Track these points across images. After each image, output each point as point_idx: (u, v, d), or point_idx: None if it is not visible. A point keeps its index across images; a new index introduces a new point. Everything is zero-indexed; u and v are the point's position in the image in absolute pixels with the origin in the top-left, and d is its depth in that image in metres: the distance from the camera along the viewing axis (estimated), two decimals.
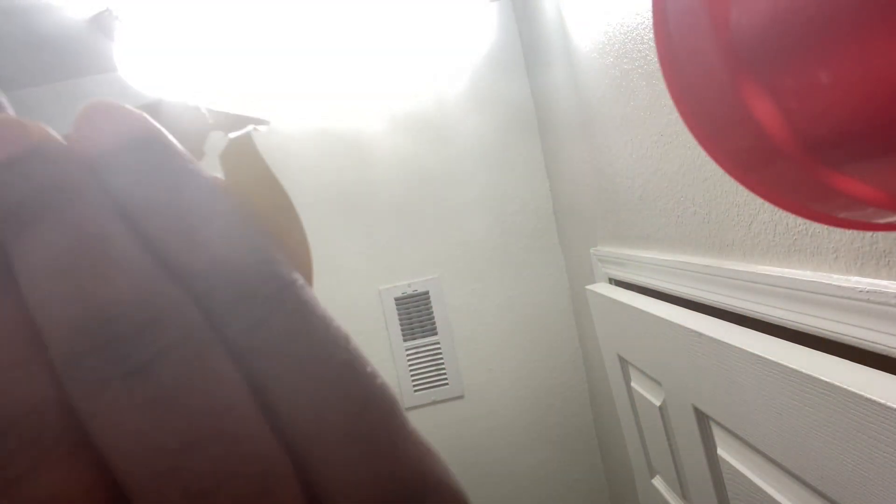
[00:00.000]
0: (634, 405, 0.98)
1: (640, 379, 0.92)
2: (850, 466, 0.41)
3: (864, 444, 0.39)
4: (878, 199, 0.17)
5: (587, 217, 1.24)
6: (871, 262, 0.42)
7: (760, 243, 0.56)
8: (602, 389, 1.45)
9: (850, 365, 0.43)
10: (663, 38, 0.21)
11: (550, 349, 1.66)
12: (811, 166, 0.17)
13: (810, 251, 0.49)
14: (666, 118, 0.71)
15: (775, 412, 0.49)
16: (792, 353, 0.47)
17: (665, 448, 0.86)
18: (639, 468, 1.07)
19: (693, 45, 0.19)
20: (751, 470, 0.59)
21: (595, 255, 1.18)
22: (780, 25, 0.15)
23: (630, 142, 0.86)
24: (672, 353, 0.70)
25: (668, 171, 0.74)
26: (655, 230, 0.84)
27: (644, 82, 0.75)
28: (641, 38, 0.73)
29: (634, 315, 0.82)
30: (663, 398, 0.81)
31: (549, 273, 1.66)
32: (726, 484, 0.66)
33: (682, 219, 0.73)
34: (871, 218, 0.19)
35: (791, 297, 0.50)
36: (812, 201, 0.20)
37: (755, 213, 0.56)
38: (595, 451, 1.67)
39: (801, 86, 0.16)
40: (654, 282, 0.84)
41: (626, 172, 0.90)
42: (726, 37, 0.17)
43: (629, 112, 0.83)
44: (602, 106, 0.96)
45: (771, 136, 0.17)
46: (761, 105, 0.17)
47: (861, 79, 0.14)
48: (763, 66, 0.17)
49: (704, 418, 0.68)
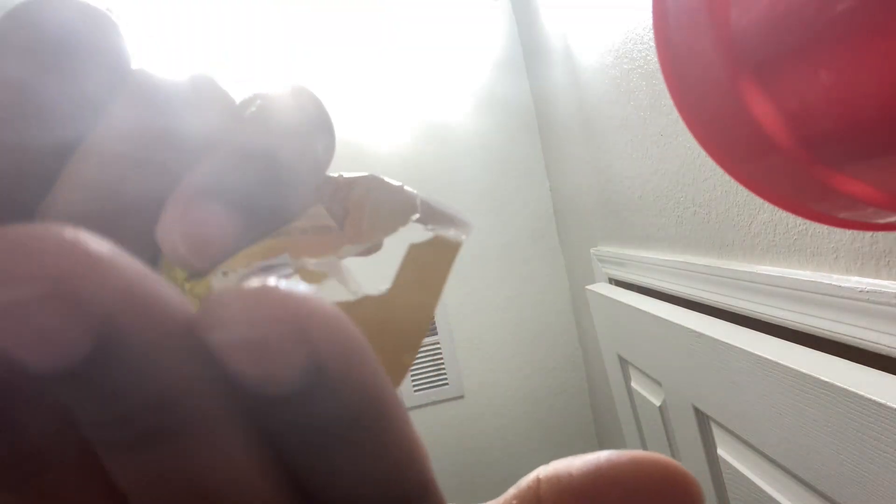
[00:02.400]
0: (634, 405, 0.98)
1: (640, 379, 0.92)
2: (850, 466, 0.41)
3: (864, 444, 0.39)
4: (878, 199, 0.17)
5: (587, 217, 1.24)
6: (871, 262, 0.42)
7: (760, 243, 0.56)
8: (602, 389, 1.45)
9: (850, 365, 0.43)
10: (663, 38, 0.21)
11: (550, 349, 1.66)
12: (811, 166, 0.17)
13: (810, 251, 0.49)
14: (666, 118, 0.71)
15: (775, 412, 0.49)
16: (792, 353, 0.47)
17: (665, 448, 0.86)
18: None
19: (693, 45, 0.19)
20: (751, 470, 0.59)
21: (595, 255, 1.18)
22: (780, 25, 0.15)
23: (630, 142, 0.86)
24: (672, 353, 0.70)
25: (668, 171, 0.74)
26: (655, 230, 0.84)
27: (644, 82, 0.75)
28: (641, 38, 0.73)
29: (634, 315, 0.82)
30: (663, 398, 0.81)
31: (549, 273, 1.66)
32: (726, 484, 0.66)
33: (682, 219, 0.73)
34: (871, 218, 0.19)
35: (791, 297, 0.50)
36: (812, 201, 0.20)
37: (755, 213, 0.56)
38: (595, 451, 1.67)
39: (801, 86, 0.16)
40: (654, 282, 0.84)
41: (626, 172, 0.90)
42: (726, 37, 0.17)
43: (629, 112, 0.83)
44: (602, 106, 0.96)
45: (771, 137, 0.17)
46: (761, 105, 0.17)
47: (861, 78, 0.14)
48: (763, 66, 0.17)
49: (704, 418, 0.68)
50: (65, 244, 0.08)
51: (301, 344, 0.09)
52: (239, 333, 0.09)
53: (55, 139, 0.12)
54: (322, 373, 0.09)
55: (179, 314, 0.09)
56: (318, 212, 0.13)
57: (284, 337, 0.08)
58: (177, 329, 0.09)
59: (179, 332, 0.09)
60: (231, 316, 0.09)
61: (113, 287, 0.08)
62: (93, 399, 0.08)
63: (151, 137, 0.12)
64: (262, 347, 0.08)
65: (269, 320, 0.09)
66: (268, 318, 0.09)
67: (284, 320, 0.09)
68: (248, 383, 0.09)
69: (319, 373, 0.09)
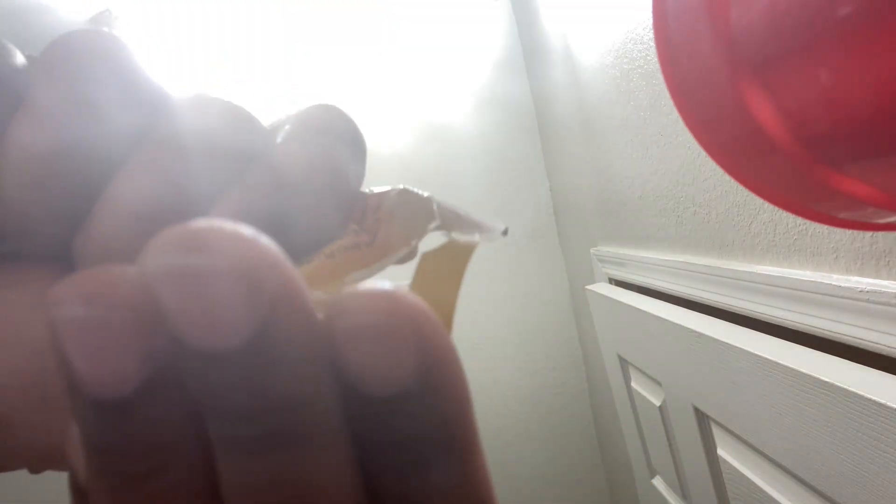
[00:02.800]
0: (634, 405, 0.98)
1: (640, 379, 0.92)
2: (850, 466, 0.41)
3: (864, 444, 0.39)
4: (878, 199, 0.17)
5: (587, 217, 1.24)
6: (871, 262, 0.42)
7: (760, 243, 0.56)
8: (602, 389, 1.45)
9: (850, 365, 0.42)
10: (663, 38, 0.21)
11: (550, 349, 1.66)
12: (811, 166, 0.17)
13: (810, 251, 0.49)
14: (666, 118, 0.71)
15: (775, 412, 0.49)
16: (792, 353, 0.47)
17: (665, 448, 0.86)
18: (639, 468, 1.07)
19: (693, 45, 0.19)
20: (751, 470, 0.58)
21: (595, 255, 1.18)
22: (780, 25, 0.15)
23: (630, 142, 0.86)
24: (672, 353, 0.70)
25: (668, 171, 0.74)
26: (655, 230, 0.84)
27: (644, 82, 0.75)
28: (641, 38, 0.73)
29: (634, 315, 0.82)
30: (663, 398, 0.81)
31: (549, 273, 1.66)
32: (726, 484, 0.65)
33: (682, 219, 0.73)
34: (871, 218, 0.19)
35: (791, 297, 0.50)
36: (812, 201, 0.20)
37: (755, 213, 0.56)
38: (595, 451, 1.67)
39: (801, 86, 0.16)
40: (654, 282, 0.84)
41: (626, 172, 0.90)
42: (726, 37, 0.17)
43: (629, 112, 0.83)
44: (602, 106, 0.96)
45: (770, 137, 0.17)
46: (761, 105, 0.17)
47: (861, 78, 0.14)
48: (763, 66, 0.17)
49: (704, 418, 0.68)
50: (252, 236, 0.09)
51: (414, 341, 0.09)
52: (361, 320, 0.09)
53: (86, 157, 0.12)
54: (428, 377, 0.09)
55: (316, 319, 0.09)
56: (353, 229, 0.14)
57: (401, 331, 0.09)
58: (317, 330, 0.09)
59: (316, 335, 0.09)
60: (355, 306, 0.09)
61: (281, 281, 0.09)
62: (236, 387, 0.08)
63: (189, 157, 0.12)
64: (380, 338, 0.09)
65: (389, 312, 0.09)
66: (387, 310, 0.09)
67: (402, 315, 0.09)
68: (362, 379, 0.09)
69: (426, 376, 0.09)
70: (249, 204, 0.12)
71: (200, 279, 0.08)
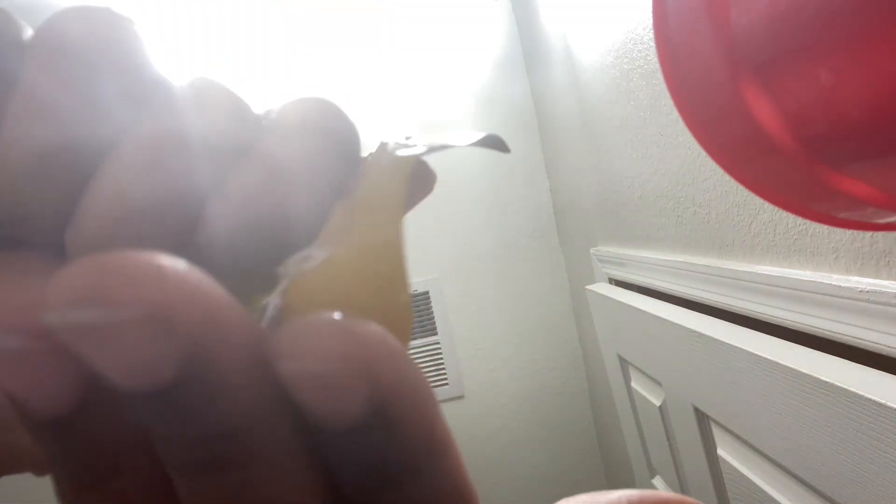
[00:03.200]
0: (634, 405, 0.98)
1: (640, 379, 0.92)
2: (850, 466, 0.41)
3: (864, 444, 0.39)
4: (878, 199, 0.17)
5: (587, 217, 1.24)
6: (871, 262, 0.42)
7: (760, 243, 0.56)
8: (602, 389, 1.45)
9: (850, 365, 0.42)
10: (663, 38, 0.21)
11: (550, 349, 1.66)
12: (811, 166, 0.17)
13: (810, 251, 0.49)
14: (666, 118, 0.71)
15: (775, 412, 0.49)
16: (792, 353, 0.47)
17: (665, 448, 0.86)
18: (639, 468, 1.07)
19: (693, 45, 0.19)
20: (751, 470, 0.58)
21: (595, 255, 1.18)
22: (780, 25, 0.15)
23: (630, 142, 0.86)
24: (672, 353, 0.70)
25: (668, 171, 0.74)
26: (655, 230, 0.84)
27: (644, 82, 0.75)
28: (641, 38, 0.73)
29: (634, 315, 0.82)
30: (663, 398, 0.81)
31: (549, 273, 1.66)
32: (726, 484, 0.66)
33: (682, 219, 0.73)
34: (871, 218, 0.19)
35: (791, 297, 0.50)
36: (812, 201, 0.20)
37: (755, 213, 0.56)
38: (595, 451, 1.67)
39: (801, 86, 0.16)
40: (654, 282, 0.84)
41: (626, 172, 0.90)
42: (726, 37, 0.17)
43: (629, 112, 0.83)
44: (602, 106, 0.96)
45: (771, 137, 0.17)
46: (761, 105, 0.17)
47: (861, 79, 0.14)
48: (763, 67, 0.17)
49: (704, 418, 0.68)
50: (160, 271, 0.08)
51: (366, 380, 0.09)
52: (308, 366, 0.09)
53: (80, 146, 0.11)
54: (383, 409, 0.09)
55: (256, 344, 0.09)
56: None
57: (351, 372, 0.09)
58: (254, 359, 0.09)
59: (256, 362, 0.09)
60: (301, 348, 0.09)
61: (202, 315, 0.08)
62: (172, 420, 0.08)
63: (177, 148, 0.12)
64: (329, 381, 0.09)
65: (338, 355, 0.09)
66: (336, 353, 0.09)
67: (352, 356, 0.09)
68: (314, 415, 0.09)
69: (381, 409, 0.09)
70: (247, 198, 0.12)
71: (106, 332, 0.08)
